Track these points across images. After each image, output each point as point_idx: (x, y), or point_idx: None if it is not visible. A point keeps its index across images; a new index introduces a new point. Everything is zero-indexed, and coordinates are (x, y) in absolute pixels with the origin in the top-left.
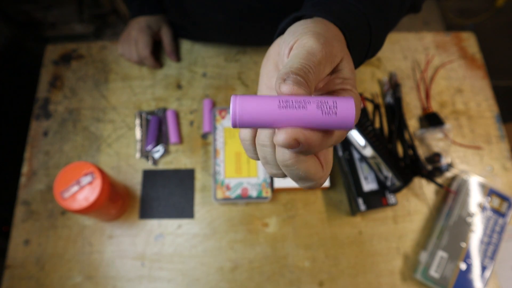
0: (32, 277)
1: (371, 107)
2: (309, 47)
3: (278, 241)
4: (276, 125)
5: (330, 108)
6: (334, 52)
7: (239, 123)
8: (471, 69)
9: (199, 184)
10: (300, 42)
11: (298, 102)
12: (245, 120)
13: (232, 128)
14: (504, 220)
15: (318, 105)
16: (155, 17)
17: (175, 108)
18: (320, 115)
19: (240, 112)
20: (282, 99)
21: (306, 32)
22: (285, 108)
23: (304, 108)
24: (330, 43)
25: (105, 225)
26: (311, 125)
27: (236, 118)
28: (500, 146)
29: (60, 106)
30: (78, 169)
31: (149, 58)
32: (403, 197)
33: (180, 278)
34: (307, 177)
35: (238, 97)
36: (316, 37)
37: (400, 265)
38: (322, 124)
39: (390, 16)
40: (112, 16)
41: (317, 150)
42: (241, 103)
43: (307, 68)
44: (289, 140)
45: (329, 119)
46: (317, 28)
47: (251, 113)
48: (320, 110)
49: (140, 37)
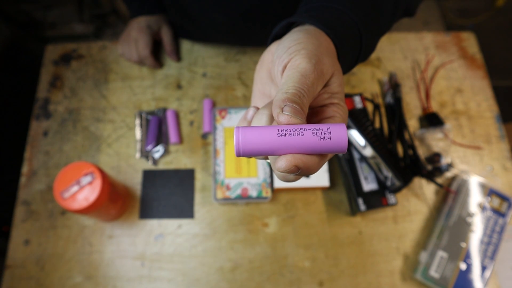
0: (32, 277)
1: (371, 107)
2: (302, 69)
3: (278, 241)
4: (276, 152)
5: (325, 134)
6: (325, 70)
7: (243, 153)
8: (471, 69)
9: (199, 184)
10: (294, 63)
11: (295, 130)
12: (248, 149)
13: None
14: (504, 220)
15: (313, 132)
16: (155, 17)
17: (175, 108)
18: (316, 141)
19: (243, 143)
20: (280, 128)
21: (299, 50)
22: (284, 136)
23: (301, 135)
24: (321, 62)
25: (105, 225)
26: (307, 150)
27: (240, 148)
28: (500, 146)
29: (60, 106)
30: (78, 169)
31: (149, 58)
32: (403, 197)
33: (180, 278)
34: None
35: (241, 129)
36: (308, 57)
37: (400, 265)
38: (318, 149)
39: (382, 22)
40: (112, 16)
41: (314, 172)
42: (243, 134)
43: (301, 92)
44: (289, 167)
45: (324, 144)
46: (309, 45)
47: (253, 143)
48: (315, 136)
49: (140, 37)
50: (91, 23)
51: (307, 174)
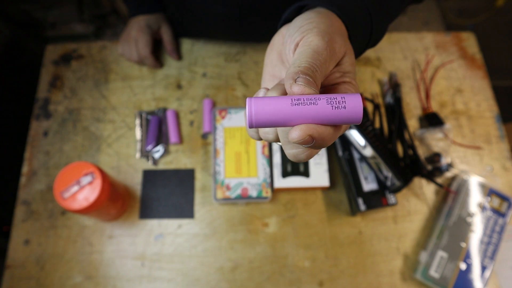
0: (32, 277)
1: (371, 107)
2: (315, 46)
3: (278, 241)
4: (289, 122)
5: (339, 103)
6: (338, 49)
7: (256, 123)
8: (471, 69)
9: (199, 184)
10: (306, 40)
11: (309, 99)
12: (261, 120)
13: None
14: (504, 220)
15: (328, 101)
16: (154, 16)
17: (175, 108)
18: (330, 110)
19: (256, 113)
20: (294, 97)
21: (312, 29)
22: (297, 106)
23: (315, 104)
24: (334, 40)
25: (105, 225)
26: (322, 120)
27: (252, 119)
28: (500, 146)
29: (60, 106)
30: (78, 169)
31: (149, 58)
32: (403, 197)
33: (180, 278)
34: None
35: (253, 99)
36: (321, 35)
37: (400, 265)
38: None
39: (392, 7)
40: (112, 16)
41: (328, 144)
42: (256, 105)
43: (314, 67)
44: (304, 137)
45: (339, 113)
46: (321, 24)
47: (265, 113)
48: (330, 105)
49: (140, 37)
50: (91, 23)
51: (321, 146)
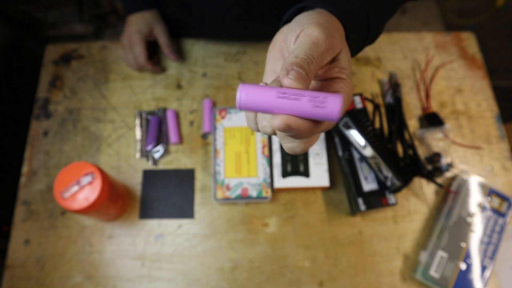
0: (32, 277)
1: (371, 107)
2: (314, 37)
3: (278, 241)
4: (273, 111)
5: (320, 103)
6: (335, 44)
7: (243, 106)
8: (471, 69)
9: (199, 184)
10: (307, 31)
11: (294, 94)
12: (248, 104)
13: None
14: (504, 220)
15: (310, 99)
16: (146, 16)
17: (175, 108)
18: (310, 107)
19: (245, 98)
20: (280, 90)
21: (312, 22)
22: (282, 99)
23: (298, 100)
24: (332, 35)
25: (105, 225)
26: (301, 114)
27: (241, 102)
28: (500, 146)
29: (60, 106)
30: (78, 169)
31: (147, 65)
32: (403, 197)
33: (180, 278)
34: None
35: (245, 85)
36: (321, 28)
37: (400, 265)
38: (311, 115)
39: (389, 5)
40: (112, 16)
41: (306, 136)
42: (246, 90)
43: (310, 58)
44: (283, 125)
45: (317, 111)
46: (321, 20)
47: (253, 100)
48: (311, 103)
49: (133, 46)
50: (91, 23)
51: (301, 137)
